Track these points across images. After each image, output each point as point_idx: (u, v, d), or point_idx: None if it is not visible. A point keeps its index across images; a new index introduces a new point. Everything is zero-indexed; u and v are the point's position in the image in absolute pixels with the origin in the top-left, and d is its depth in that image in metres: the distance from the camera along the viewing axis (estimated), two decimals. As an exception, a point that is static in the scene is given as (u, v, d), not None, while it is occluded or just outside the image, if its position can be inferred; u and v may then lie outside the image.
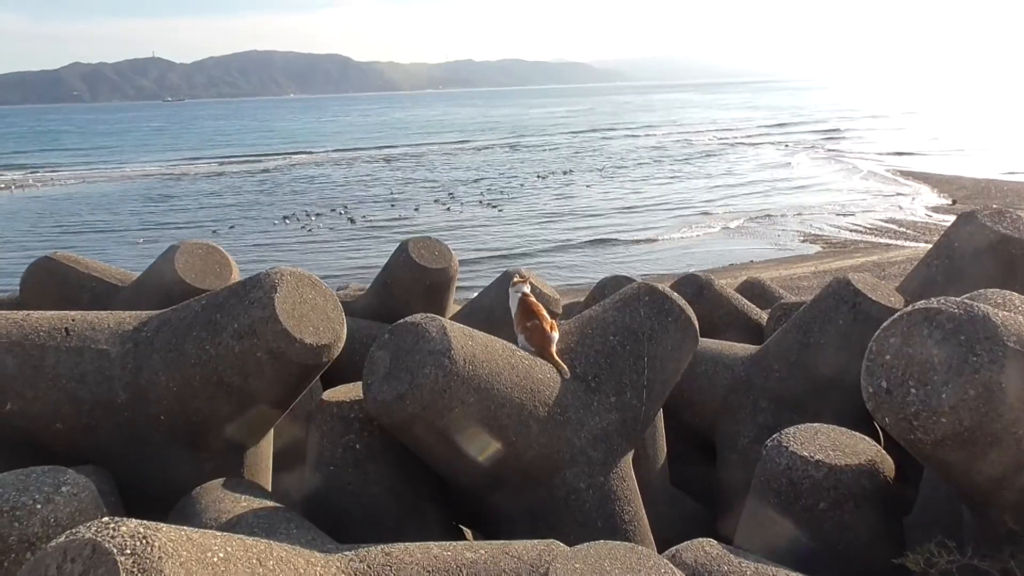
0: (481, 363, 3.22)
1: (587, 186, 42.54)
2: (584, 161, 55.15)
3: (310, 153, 70.81)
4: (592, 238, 28.83)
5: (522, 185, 43.40)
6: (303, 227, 32.36)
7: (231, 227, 33.18)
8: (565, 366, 3.58)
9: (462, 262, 7.33)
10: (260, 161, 64.31)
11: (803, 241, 26.26)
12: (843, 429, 3.44)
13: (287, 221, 33.96)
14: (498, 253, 25.93)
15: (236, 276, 5.13)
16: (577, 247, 27.46)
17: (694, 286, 6.18)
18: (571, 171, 48.90)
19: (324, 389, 3.85)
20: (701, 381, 4.89)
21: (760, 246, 26.04)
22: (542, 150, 65.59)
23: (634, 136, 76.21)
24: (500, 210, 34.89)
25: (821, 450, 3.20)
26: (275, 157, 67.50)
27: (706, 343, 5.06)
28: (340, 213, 35.42)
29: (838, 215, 30.50)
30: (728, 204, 34.56)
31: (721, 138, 68.63)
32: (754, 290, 7.75)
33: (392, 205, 37.63)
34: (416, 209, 36.34)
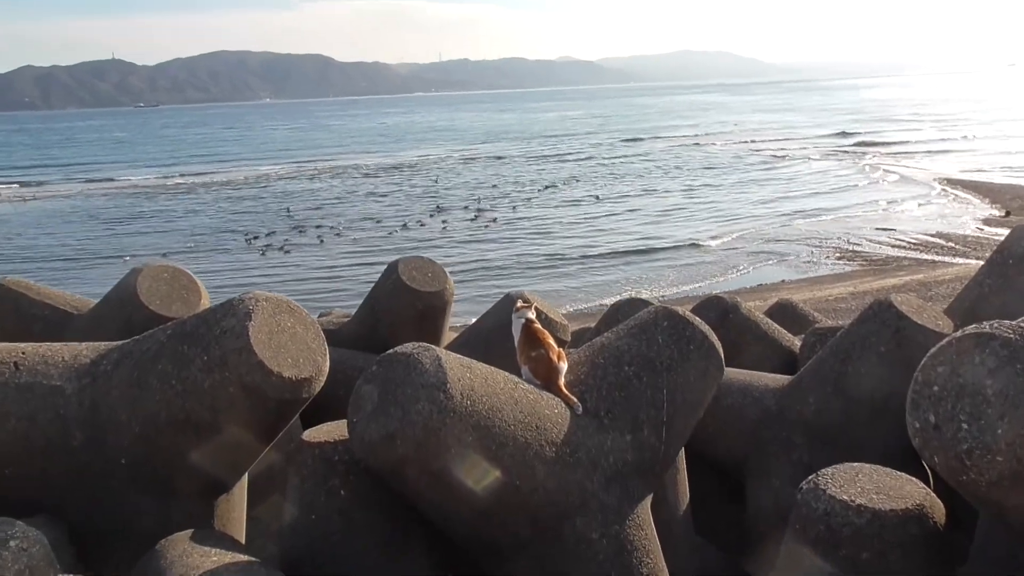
0: (480, 397, 3.23)
1: (597, 198, 42.71)
2: (601, 173, 55.36)
3: (290, 165, 71.14)
4: (606, 252, 28.70)
5: (528, 200, 43.52)
6: (281, 247, 32.46)
7: (192, 247, 33.28)
8: (575, 400, 3.58)
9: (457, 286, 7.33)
10: (234, 173, 64.65)
11: (840, 258, 26.30)
12: (887, 469, 3.42)
13: (260, 240, 34.07)
14: (500, 275, 25.82)
15: (206, 302, 5.14)
16: (589, 266, 27.38)
17: (719, 310, 6.17)
18: (587, 183, 49.11)
19: (304, 428, 3.84)
20: (727, 416, 4.88)
21: (792, 264, 26.07)
22: (557, 160, 65.95)
23: (660, 142, 76.60)
24: (505, 225, 34.97)
25: (863, 493, 3.18)
26: (250, 169, 67.81)
27: (733, 373, 5.05)
28: (323, 231, 35.56)
29: (878, 229, 30.57)
30: (755, 218, 34.62)
31: (751, 145, 68.96)
32: (786, 313, 7.75)
33: (377, 222, 37.79)
34: (405, 226, 36.46)
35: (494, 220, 38.07)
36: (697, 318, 3.98)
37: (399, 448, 3.10)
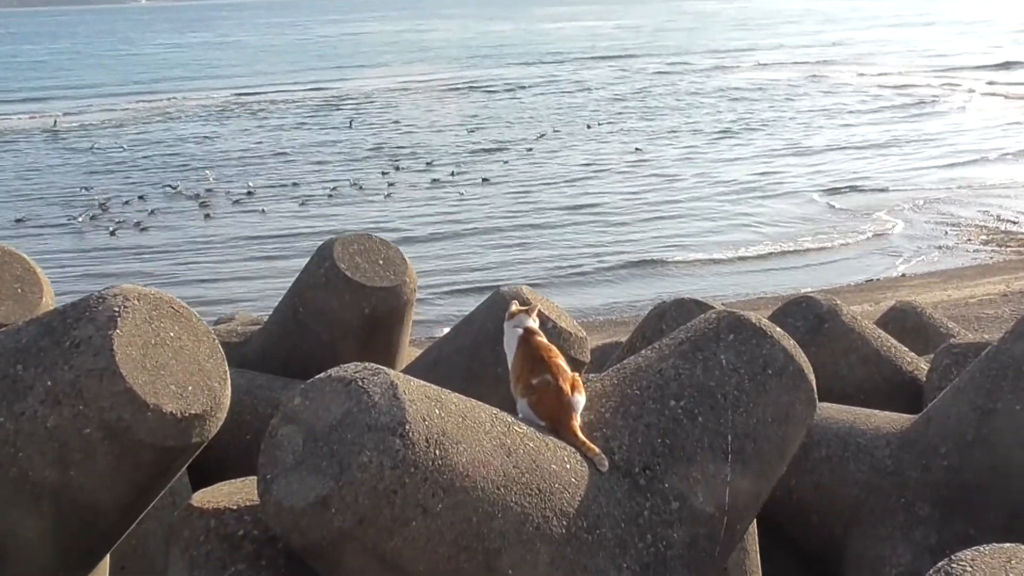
0: (455, 446, 3.21)
1: (638, 152, 42.62)
2: (645, 115, 55.29)
3: (174, 99, 71.00)
4: (649, 238, 28.52)
5: (529, 154, 43.43)
6: (137, 224, 32.24)
7: (18, 223, 33.07)
8: (596, 450, 3.58)
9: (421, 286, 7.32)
10: (92, 112, 64.49)
11: (986, 242, 26.31)
12: (1056, 554, 3.43)
13: (114, 211, 33.91)
14: (486, 279, 25.74)
15: (49, 302, 5.13)
16: (623, 268, 27.15)
17: (810, 316, 6.18)
18: (622, 132, 49.12)
19: (194, 488, 3.83)
20: (821, 473, 4.88)
21: (915, 250, 26.06)
22: (580, 94, 65.83)
23: (732, 72, 76.70)
24: (489, 195, 34.96)
25: (1019, 588, 3.19)
26: (115, 106, 67.62)
27: (829, 411, 5.05)
28: (215, 198, 35.54)
29: (1042, 199, 30.62)
30: (869, 191, 34.47)
31: (868, 79, 68.97)
32: (907, 322, 7.78)
33: (295, 185, 37.74)
34: (334, 190, 36.43)
35: (483, 180, 37.87)
36: (778, 329, 3.97)
37: (335, 519, 3.08)
